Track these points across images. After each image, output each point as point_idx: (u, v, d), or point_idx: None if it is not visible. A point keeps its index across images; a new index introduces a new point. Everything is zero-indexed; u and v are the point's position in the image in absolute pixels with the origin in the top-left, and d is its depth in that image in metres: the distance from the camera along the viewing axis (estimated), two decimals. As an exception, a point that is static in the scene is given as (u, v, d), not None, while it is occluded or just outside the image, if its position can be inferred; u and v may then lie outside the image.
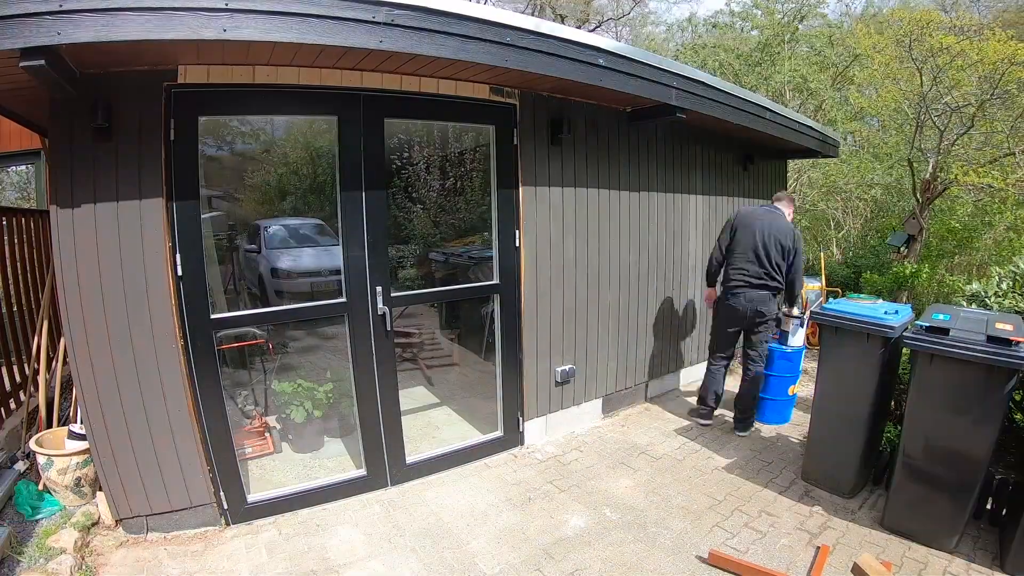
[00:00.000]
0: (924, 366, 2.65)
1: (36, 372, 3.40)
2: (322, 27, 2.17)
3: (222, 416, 2.84)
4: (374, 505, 3.13)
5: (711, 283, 4.20)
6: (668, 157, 4.56)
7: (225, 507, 2.89)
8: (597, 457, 3.71)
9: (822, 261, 7.85)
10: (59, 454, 2.84)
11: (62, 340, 3.46)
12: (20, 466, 3.03)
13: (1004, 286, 3.57)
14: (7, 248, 3.49)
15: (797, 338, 4.21)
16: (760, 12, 12.31)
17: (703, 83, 3.74)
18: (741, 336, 4.06)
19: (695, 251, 4.95)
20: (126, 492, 2.66)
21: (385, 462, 3.27)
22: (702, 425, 4.18)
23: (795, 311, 4.12)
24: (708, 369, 4.19)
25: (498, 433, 3.78)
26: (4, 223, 3.50)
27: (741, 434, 4.05)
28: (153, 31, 1.90)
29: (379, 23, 2.28)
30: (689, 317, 5.00)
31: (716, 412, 4.26)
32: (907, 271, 7.36)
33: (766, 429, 4.19)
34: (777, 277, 3.84)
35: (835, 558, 2.67)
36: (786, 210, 4.00)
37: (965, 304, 3.59)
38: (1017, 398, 3.16)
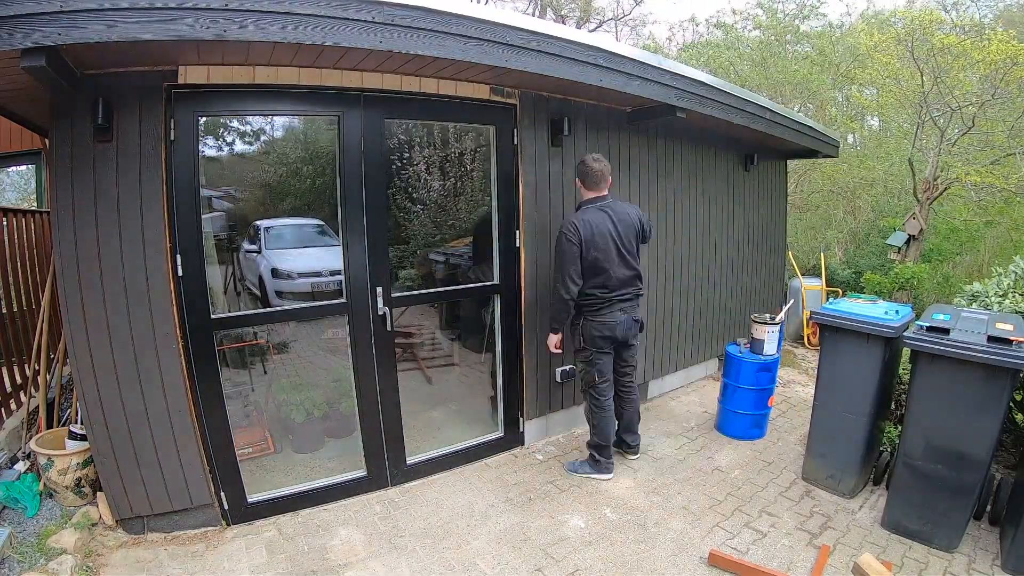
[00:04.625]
0: (925, 366, 2.65)
1: (36, 373, 3.40)
2: (322, 27, 2.17)
3: (222, 416, 2.84)
4: (374, 505, 3.13)
5: (560, 326, 3.33)
6: (669, 157, 4.56)
7: (225, 507, 2.89)
8: (597, 457, 3.71)
9: (822, 261, 7.86)
10: (59, 454, 2.84)
11: (62, 340, 3.47)
12: (20, 466, 3.03)
13: (1005, 286, 3.57)
14: (7, 248, 3.49)
15: (772, 346, 3.88)
16: (762, 12, 12.33)
17: (703, 83, 3.73)
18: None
19: (696, 251, 4.95)
20: (126, 492, 2.66)
21: (385, 462, 3.27)
22: (607, 480, 3.40)
23: (776, 317, 3.98)
24: (599, 405, 3.34)
25: (498, 433, 3.79)
26: (4, 223, 3.50)
27: (635, 457, 3.64)
28: (153, 31, 1.89)
29: (379, 23, 2.27)
30: (690, 317, 5.00)
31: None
32: (908, 272, 7.36)
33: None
34: (639, 268, 3.30)
35: (836, 558, 2.67)
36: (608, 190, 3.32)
37: (966, 304, 3.58)
38: (1017, 398, 3.16)
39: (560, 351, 3.47)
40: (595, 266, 3.15)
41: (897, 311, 3.06)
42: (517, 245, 3.59)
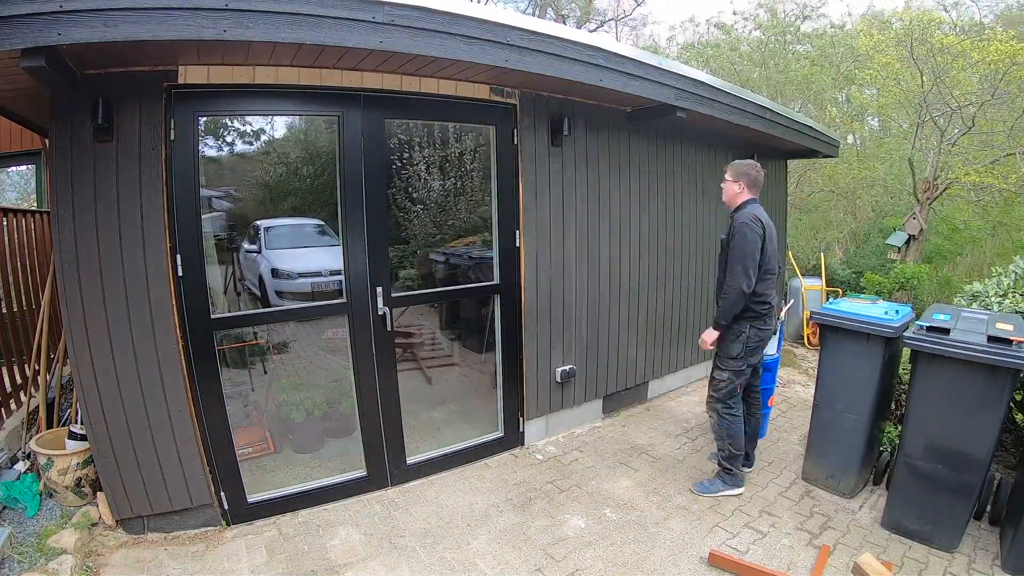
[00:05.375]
0: (925, 366, 2.65)
1: (37, 372, 3.40)
2: (322, 27, 2.17)
3: (222, 416, 2.84)
4: (375, 505, 3.13)
5: (727, 323, 3.08)
6: (669, 157, 4.56)
7: (225, 507, 2.89)
8: (597, 457, 3.71)
9: (822, 261, 7.86)
10: (59, 454, 2.84)
11: (62, 340, 3.47)
12: (20, 466, 3.03)
13: (1005, 285, 3.57)
14: (7, 248, 3.49)
15: (772, 346, 3.78)
16: (764, 12, 12.34)
17: (703, 83, 3.74)
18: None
19: (696, 250, 4.95)
20: (127, 492, 2.66)
21: (386, 462, 3.27)
22: (740, 493, 3.27)
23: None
24: (733, 414, 3.17)
25: (498, 433, 3.79)
26: (4, 223, 3.50)
27: (750, 470, 3.53)
28: (154, 31, 1.89)
29: (380, 23, 2.28)
30: (690, 317, 5.01)
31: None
32: (908, 272, 7.36)
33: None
34: None
35: (836, 558, 2.67)
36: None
37: (966, 304, 3.58)
38: (1018, 398, 3.16)
39: (713, 348, 3.25)
40: (767, 266, 3.01)
41: (897, 311, 3.06)
42: (517, 245, 3.59)
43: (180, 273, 2.60)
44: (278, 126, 6.06)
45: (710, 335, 3.19)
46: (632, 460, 3.67)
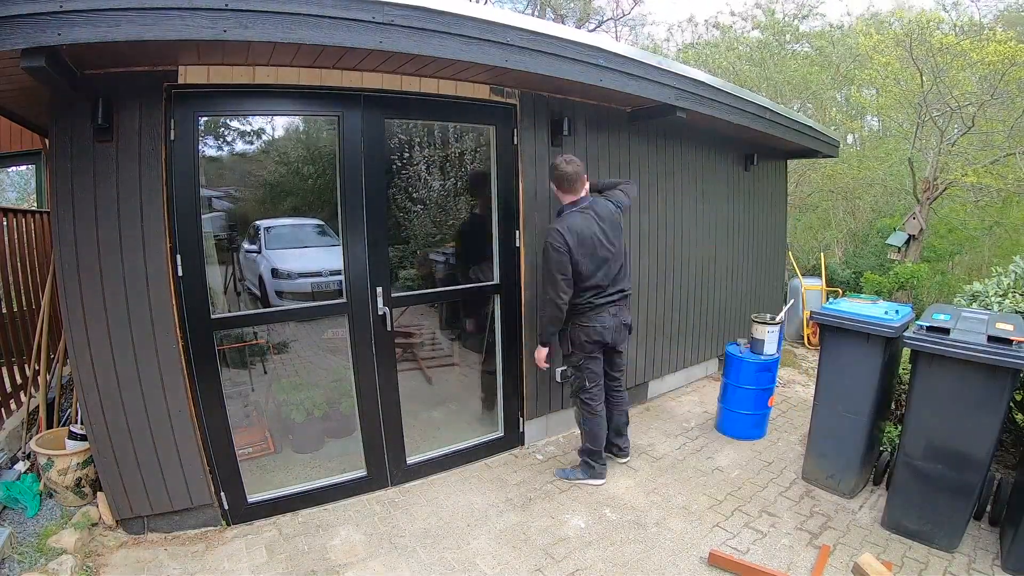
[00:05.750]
0: (925, 366, 2.65)
1: (36, 373, 3.40)
2: (322, 27, 2.17)
3: (222, 416, 2.84)
4: (375, 505, 3.13)
5: (551, 339, 3.24)
6: (669, 157, 4.56)
7: (226, 507, 2.89)
8: (597, 457, 3.71)
9: (822, 261, 7.86)
10: (59, 454, 2.84)
11: (62, 340, 3.47)
12: (20, 466, 3.03)
13: (1005, 285, 3.57)
14: (7, 248, 3.49)
15: (772, 346, 3.88)
16: (761, 12, 12.35)
17: (703, 83, 3.73)
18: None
19: (696, 250, 4.95)
20: (127, 492, 2.66)
21: (386, 462, 3.27)
22: (599, 485, 3.35)
23: (776, 316, 3.97)
24: (590, 411, 3.27)
25: (499, 433, 3.79)
26: (4, 223, 3.50)
27: (624, 460, 3.60)
28: (153, 31, 1.89)
29: (379, 23, 2.27)
30: (690, 317, 5.00)
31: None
32: (907, 271, 7.37)
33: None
34: (627, 267, 3.28)
35: (836, 558, 2.67)
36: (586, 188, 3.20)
37: (966, 304, 3.58)
38: (1018, 398, 3.16)
39: (548, 366, 3.40)
40: (585, 274, 3.05)
41: (897, 311, 3.06)
42: (517, 245, 3.60)
43: (180, 273, 2.60)
44: (278, 126, 6.05)
45: (539, 353, 3.30)
46: (632, 460, 3.67)
